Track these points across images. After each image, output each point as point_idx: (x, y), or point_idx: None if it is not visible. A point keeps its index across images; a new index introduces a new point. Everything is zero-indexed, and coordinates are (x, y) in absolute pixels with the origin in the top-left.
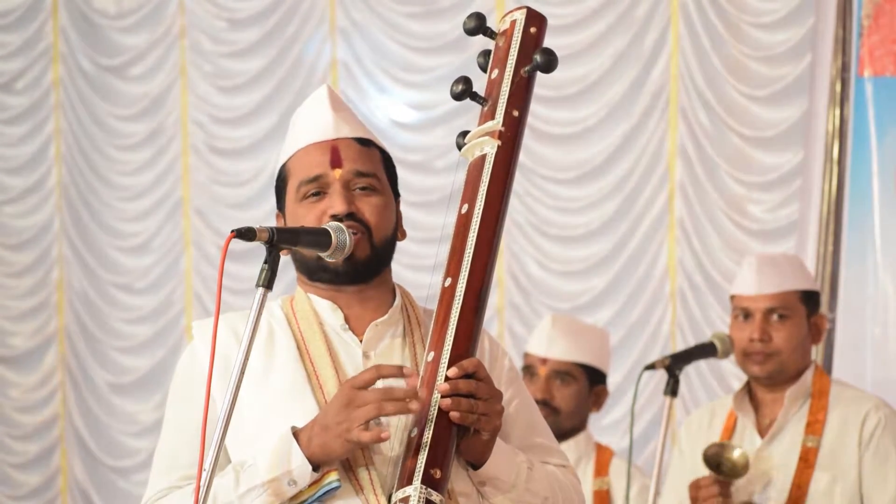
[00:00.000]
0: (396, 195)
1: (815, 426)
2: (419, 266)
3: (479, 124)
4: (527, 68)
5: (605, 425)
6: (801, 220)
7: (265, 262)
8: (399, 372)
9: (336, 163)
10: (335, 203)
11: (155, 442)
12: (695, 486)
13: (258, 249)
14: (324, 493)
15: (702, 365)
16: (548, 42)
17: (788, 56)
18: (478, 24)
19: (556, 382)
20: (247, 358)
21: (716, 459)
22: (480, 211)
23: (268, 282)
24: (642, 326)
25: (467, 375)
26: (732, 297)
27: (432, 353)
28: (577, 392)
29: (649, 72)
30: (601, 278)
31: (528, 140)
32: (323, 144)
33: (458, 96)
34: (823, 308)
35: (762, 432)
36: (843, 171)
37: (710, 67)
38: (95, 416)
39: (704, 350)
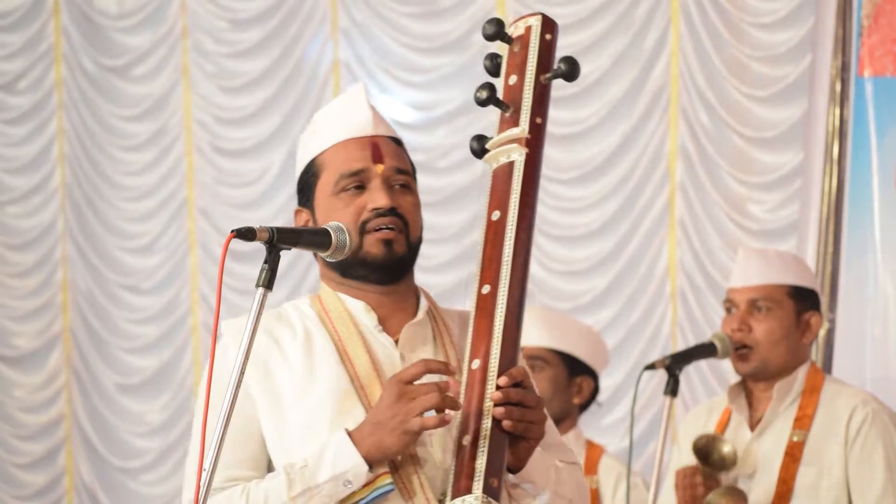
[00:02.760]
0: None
1: (802, 420)
2: (419, 266)
3: (500, 131)
4: (548, 76)
5: (606, 425)
6: (802, 220)
7: (265, 262)
8: (445, 367)
9: (378, 158)
10: (378, 198)
11: (162, 441)
12: (681, 473)
13: (262, 249)
14: (377, 496)
15: (702, 365)
16: None
17: (789, 56)
18: (497, 31)
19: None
20: (247, 358)
21: (705, 450)
22: (515, 218)
23: (268, 282)
24: (643, 326)
25: (515, 384)
26: (726, 292)
27: (477, 361)
28: (551, 379)
29: (650, 72)
30: (602, 278)
31: None
32: (362, 140)
33: (482, 103)
34: (823, 308)
35: (753, 427)
36: (843, 171)
37: (710, 67)
38: (102, 417)
39: (704, 350)
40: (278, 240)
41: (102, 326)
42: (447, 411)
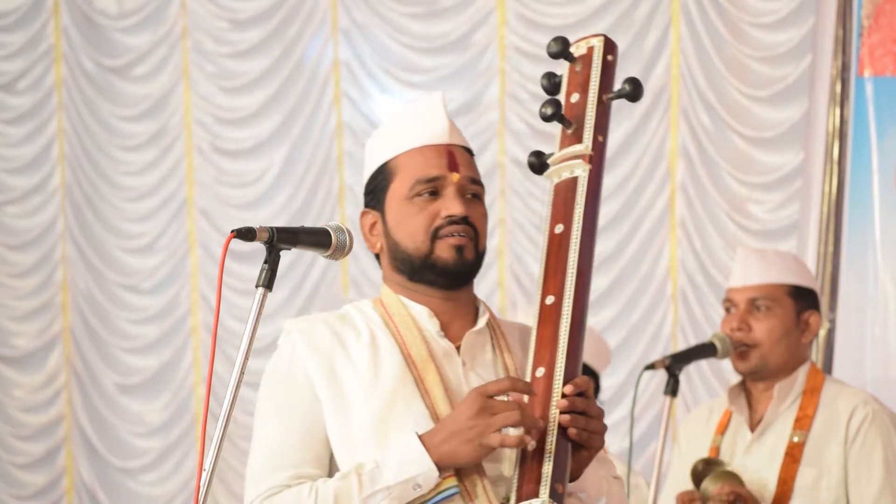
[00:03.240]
0: None
1: (803, 421)
2: None
3: (562, 147)
4: (610, 95)
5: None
6: (802, 221)
7: (265, 262)
8: (528, 388)
9: (454, 167)
10: (453, 206)
11: (162, 442)
12: (680, 498)
13: (262, 249)
14: (441, 499)
15: (702, 365)
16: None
17: (789, 56)
18: (561, 49)
19: None
20: (247, 358)
21: (703, 475)
22: (579, 232)
23: (268, 282)
24: (644, 327)
25: (579, 393)
26: (725, 292)
27: (542, 369)
28: None
29: (650, 72)
30: (603, 278)
31: (529, 140)
32: (439, 148)
33: (547, 118)
34: (823, 308)
35: (753, 428)
36: (843, 171)
37: (711, 68)
38: (102, 417)
39: (704, 350)
40: (278, 240)
41: (102, 326)
42: (527, 437)
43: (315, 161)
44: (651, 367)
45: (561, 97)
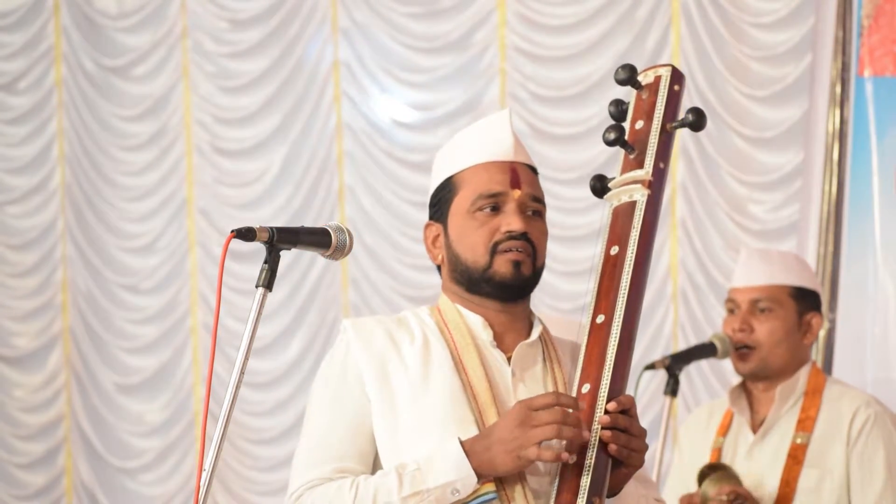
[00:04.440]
0: None
1: (805, 423)
2: (421, 265)
3: (623, 171)
4: (674, 124)
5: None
6: (802, 221)
7: (265, 262)
8: (574, 403)
9: (516, 184)
10: (513, 221)
11: (161, 442)
12: (684, 500)
13: (262, 249)
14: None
15: (703, 365)
16: (549, 42)
17: (789, 56)
18: (629, 77)
19: None
20: (246, 358)
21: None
22: (633, 254)
23: (268, 282)
24: (644, 327)
25: (623, 411)
26: (728, 292)
27: (588, 385)
28: None
29: None
30: None
31: (529, 140)
32: (503, 164)
33: (610, 143)
34: (823, 308)
35: (755, 429)
36: (843, 171)
37: (711, 68)
38: (102, 417)
39: (704, 350)
40: (278, 240)
41: (102, 326)
42: (565, 453)
43: (315, 161)
44: (651, 367)
45: (626, 123)
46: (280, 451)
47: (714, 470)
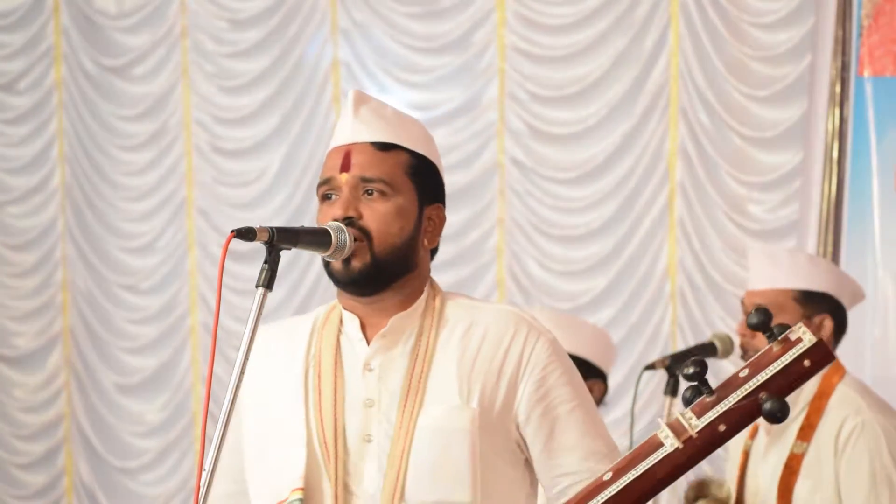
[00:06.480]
0: (434, 201)
1: (805, 431)
2: None
3: (693, 409)
4: (763, 397)
5: (606, 425)
6: (801, 221)
7: (265, 262)
8: None
9: (345, 167)
10: (335, 207)
11: (161, 441)
12: None
13: (262, 249)
14: None
15: None
16: (548, 41)
17: (789, 56)
18: (763, 322)
19: None
20: (246, 358)
21: (699, 494)
22: (619, 489)
23: (268, 282)
24: (643, 326)
25: None
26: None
27: None
28: None
29: (650, 72)
30: (601, 278)
31: (528, 140)
32: (340, 148)
33: (688, 378)
34: None
35: (752, 433)
36: (842, 171)
37: (710, 67)
38: (102, 417)
39: (704, 350)
40: (278, 240)
41: (102, 326)
42: None
43: (314, 161)
44: (651, 367)
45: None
46: None
47: (702, 492)
